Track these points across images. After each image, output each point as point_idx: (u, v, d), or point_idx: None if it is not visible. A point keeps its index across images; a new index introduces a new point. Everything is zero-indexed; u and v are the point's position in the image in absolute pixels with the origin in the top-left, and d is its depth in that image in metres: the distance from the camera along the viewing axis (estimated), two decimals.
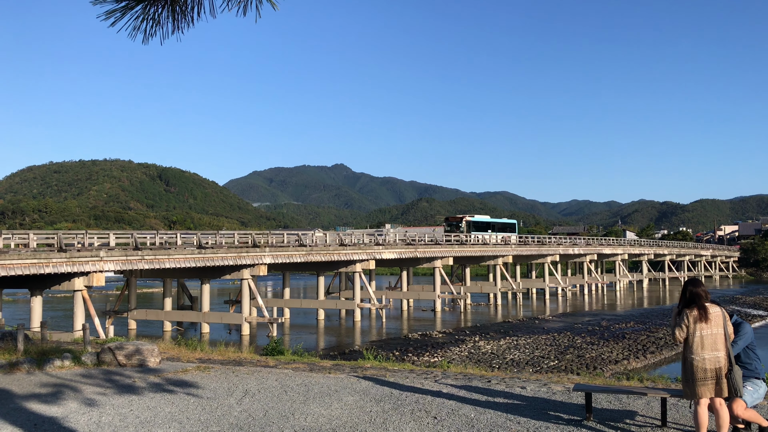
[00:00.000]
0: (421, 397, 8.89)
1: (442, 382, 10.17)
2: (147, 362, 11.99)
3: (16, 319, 34.55)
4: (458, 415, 7.81)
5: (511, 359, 26.28)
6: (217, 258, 33.44)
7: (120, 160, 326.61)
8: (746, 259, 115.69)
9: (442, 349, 28.80)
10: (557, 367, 24.22)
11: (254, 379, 10.63)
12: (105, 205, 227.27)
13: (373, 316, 44.83)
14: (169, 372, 11.33)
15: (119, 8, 3.23)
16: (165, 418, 7.87)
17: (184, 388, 9.74)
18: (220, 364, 12.67)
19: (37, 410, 8.29)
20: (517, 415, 7.71)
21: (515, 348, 29.37)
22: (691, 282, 6.29)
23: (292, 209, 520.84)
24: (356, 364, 13.10)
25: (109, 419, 7.81)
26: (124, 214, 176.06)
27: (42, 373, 11.13)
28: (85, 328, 14.94)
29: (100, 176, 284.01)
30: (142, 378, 10.64)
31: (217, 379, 10.59)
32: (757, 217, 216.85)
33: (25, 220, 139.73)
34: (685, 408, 7.86)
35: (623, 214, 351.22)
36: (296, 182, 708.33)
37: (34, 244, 27.07)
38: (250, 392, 9.41)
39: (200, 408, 8.39)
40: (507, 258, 56.14)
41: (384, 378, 10.62)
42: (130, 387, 9.87)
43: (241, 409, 8.27)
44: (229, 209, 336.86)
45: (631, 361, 26.47)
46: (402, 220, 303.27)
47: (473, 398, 8.83)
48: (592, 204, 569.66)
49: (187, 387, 9.88)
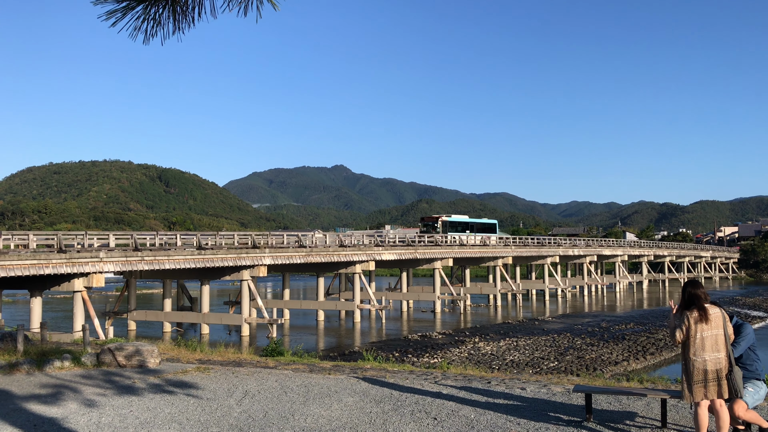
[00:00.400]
0: (421, 398, 8.88)
1: (442, 383, 10.16)
2: (147, 363, 11.97)
3: (15, 320, 34.54)
4: (458, 416, 7.80)
5: (510, 360, 26.27)
6: (217, 259, 33.42)
7: (120, 161, 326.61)
8: (746, 260, 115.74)
9: (442, 350, 28.77)
10: (557, 369, 24.21)
11: (254, 380, 10.62)
12: (105, 206, 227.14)
13: (372, 317, 44.81)
14: (168, 373, 11.33)
15: (120, 8, 3.24)
16: (164, 419, 7.86)
17: (183, 389, 9.73)
18: (219, 365, 12.66)
19: (36, 411, 8.28)
20: (517, 417, 7.71)
21: (515, 349, 29.36)
22: (691, 283, 6.29)
23: (292, 210, 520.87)
24: (356, 365, 13.09)
25: (109, 420, 7.80)
26: (124, 215, 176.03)
27: (42, 374, 11.12)
28: (84, 329, 14.93)
29: (99, 177, 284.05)
30: (141, 379, 10.63)
31: (217, 380, 10.58)
32: (756, 218, 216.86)
33: (24, 221, 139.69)
34: (685, 409, 7.86)
35: (623, 216, 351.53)
36: (296, 183, 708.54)
37: (33, 245, 27.05)
38: (249, 393, 9.40)
39: (200, 409, 8.38)
40: (507, 259, 56.12)
41: (384, 379, 10.61)
42: (130, 388, 9.86)
43: (240, 410, 8.26)
44: (228, 210, 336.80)
45: (631, 362, 26.46)
46: (402, 221, 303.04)
47: (473, 399, 8.82)
48: (591, 205, 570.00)
49: (187, 388, 9.87)
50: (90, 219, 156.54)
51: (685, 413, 7.67)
